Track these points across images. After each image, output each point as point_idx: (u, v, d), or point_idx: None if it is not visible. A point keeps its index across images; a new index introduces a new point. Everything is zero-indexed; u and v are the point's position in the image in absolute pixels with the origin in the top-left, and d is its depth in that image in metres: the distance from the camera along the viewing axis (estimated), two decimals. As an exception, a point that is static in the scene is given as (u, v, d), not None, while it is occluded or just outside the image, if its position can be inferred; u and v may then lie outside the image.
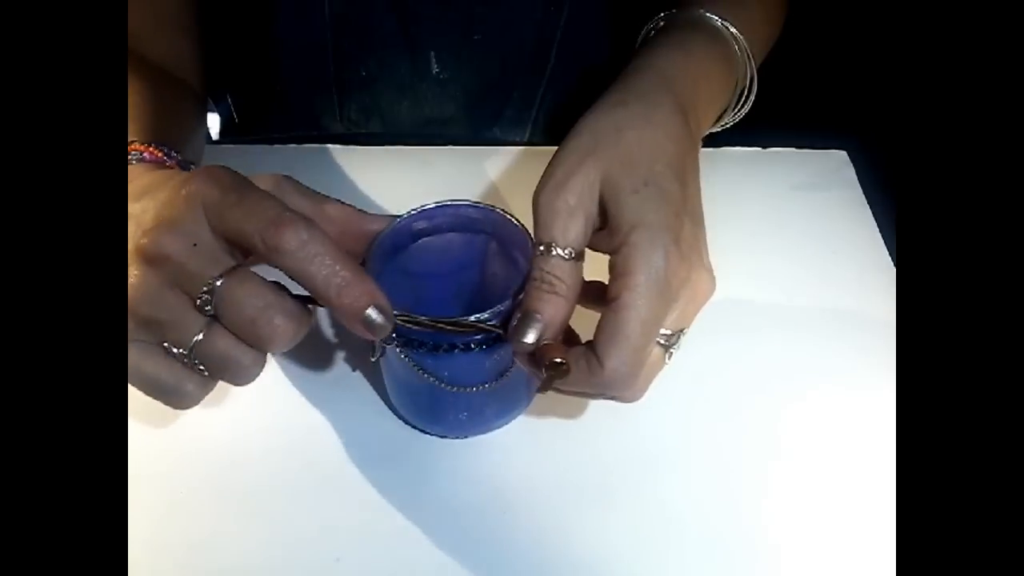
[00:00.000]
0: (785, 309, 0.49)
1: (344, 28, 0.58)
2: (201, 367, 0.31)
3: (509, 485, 0.40)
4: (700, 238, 0.35)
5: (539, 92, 0.63)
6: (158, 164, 0.36)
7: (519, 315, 0.33)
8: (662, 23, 0.44)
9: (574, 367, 0.33)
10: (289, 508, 0.39)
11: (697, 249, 0.34)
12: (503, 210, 0.38)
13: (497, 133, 0.65)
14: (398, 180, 0.56)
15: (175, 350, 0.30)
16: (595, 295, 0.35)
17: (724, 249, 0.53)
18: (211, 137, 0.67)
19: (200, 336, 0.30)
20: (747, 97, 0.44)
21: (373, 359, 0.38)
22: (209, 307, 0.29)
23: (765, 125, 0.48)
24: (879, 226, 0.54)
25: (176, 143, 0.39)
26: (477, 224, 0.40)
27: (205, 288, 0.29)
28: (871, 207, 0.55)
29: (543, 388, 0.38)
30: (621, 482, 0.40)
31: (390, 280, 0.36)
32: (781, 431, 0.42)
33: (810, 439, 0.42)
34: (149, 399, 0.43)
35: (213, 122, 0.68)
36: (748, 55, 0.43)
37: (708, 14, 0.42)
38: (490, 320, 0.34)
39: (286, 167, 0.39)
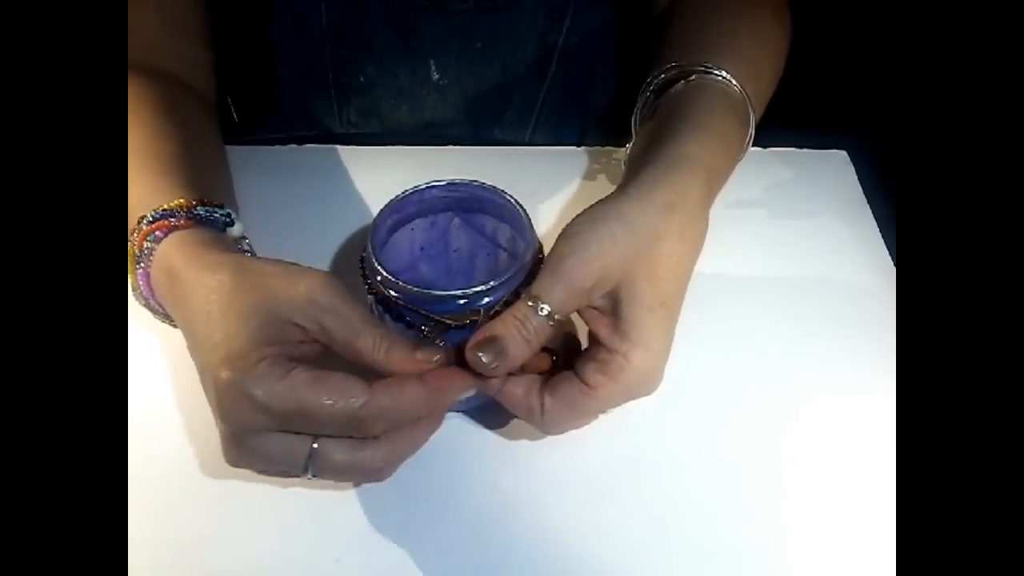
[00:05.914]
0: (785, 309, 0.48)
1: (341, 37, 0.58)
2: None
3: (509, 485, 0.40)
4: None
5: (541, 95, 0.63)
6: (169, 229, 0.36)
7: (481, 334, 0.34)
8: (683, 80, 0.45)
9: (521, 394, 0.36)
10: (289, 508, 0.39)
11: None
12: (474, 181, 0.41)
13: (498, 134, 0.65)
14: (398, 180, 0.56)
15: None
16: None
17: (724, 249, 0.53)
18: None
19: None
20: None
21: None
22: (311, 475, 0.33)
23: (765, 125, 0.48)
24: (879, 226, 0.54)
25: (200, 182, 0.40)
26: (439, 204, 0.42)
27: (301, 470, 0.32)
28: (871, 207, 0.55)
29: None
30: (620, 484, 0.40)
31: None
32: (780, 431, 0.42)
33: (809, 439, 0.42)
34: (147, 400, 0.43)
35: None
36: (754, 117, 0.45)
37: (731, 80, 0.44)
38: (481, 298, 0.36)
39: (286, 167, 0.39)
